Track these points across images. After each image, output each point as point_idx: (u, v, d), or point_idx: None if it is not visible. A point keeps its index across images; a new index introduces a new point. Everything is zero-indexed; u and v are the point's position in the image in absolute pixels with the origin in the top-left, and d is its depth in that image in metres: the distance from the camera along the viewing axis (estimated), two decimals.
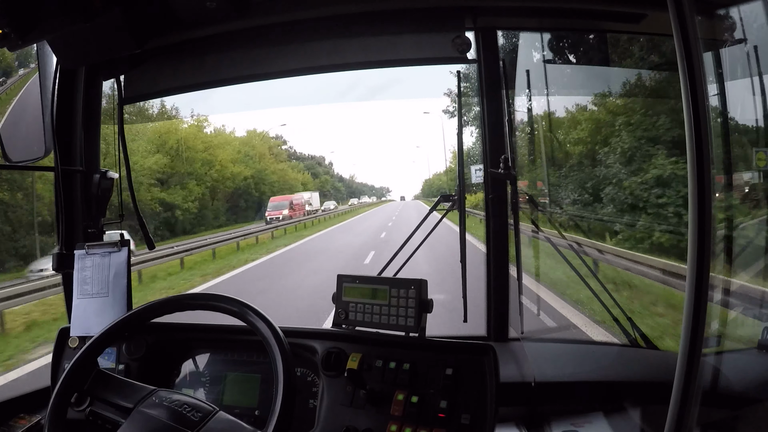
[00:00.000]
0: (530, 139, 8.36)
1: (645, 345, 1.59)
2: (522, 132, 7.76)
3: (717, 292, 1.30)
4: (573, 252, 1.78)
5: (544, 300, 5.58)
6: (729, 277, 1.41)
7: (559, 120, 13.05)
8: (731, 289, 1.38)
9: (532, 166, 7.96)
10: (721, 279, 1.37)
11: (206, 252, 13.65)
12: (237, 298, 1.10)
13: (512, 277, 1.75)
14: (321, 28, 1.56)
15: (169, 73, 1.67)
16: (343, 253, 13.04)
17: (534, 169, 8.31)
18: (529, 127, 8.59)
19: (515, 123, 1.67)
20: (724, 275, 1.39)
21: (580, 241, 6.80)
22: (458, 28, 1.49)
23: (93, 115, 1.65)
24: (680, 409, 0.65)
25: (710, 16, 1.29)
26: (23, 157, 1.54)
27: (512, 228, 1.70)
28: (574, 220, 10.39)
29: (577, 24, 1.66)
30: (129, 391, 1.05)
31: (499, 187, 1.67)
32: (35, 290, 7.63)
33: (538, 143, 8.84)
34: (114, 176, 1.66)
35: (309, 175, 46.81)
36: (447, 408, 1.10)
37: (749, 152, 1.80)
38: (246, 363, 1.36)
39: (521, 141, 7.26)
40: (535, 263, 2.60)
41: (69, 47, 1.33)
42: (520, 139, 7.15)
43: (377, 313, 1.24)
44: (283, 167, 38.87)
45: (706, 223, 0.63)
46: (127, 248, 1.45)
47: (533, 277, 2.64)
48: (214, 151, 27.74)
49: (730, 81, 1.50)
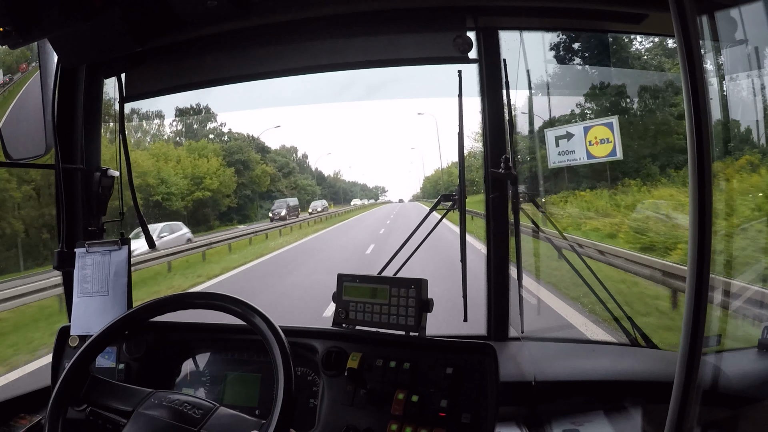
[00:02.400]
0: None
1: (645, 344, 1.60)
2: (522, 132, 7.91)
3: (717, 293, 1.30)
4: (573, 252, 1.78)
5: (543, 300, 5.58)
6: (729, 278, 1.42)
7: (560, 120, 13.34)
8: (731, 290, 1.38)
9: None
10: (721, 280, 1.37)
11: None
12: (237, 297, 1.10)
13: (512, 276, 1.75)
14: (321, 27, 1.56)
15: (170, 72, 1.67)
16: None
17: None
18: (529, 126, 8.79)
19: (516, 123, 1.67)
20: (724, 276, 1.39)
21: (581, 242, 6.81)
22: (459, 28, 1.49)
23: (94, 113, 1.65)
24: (680, 408, 0.65)
25: (711, 17, 1.29)
26: (24, 155, 1.55)
27: (512, 227, 1.70)
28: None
29: (578, 24, 1.66)
30: (127, 394, 1.06)
31: (499, 187, 1.68)
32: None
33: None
34: (114, 174, 1.66)
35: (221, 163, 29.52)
36: (447, 407, 1.10)
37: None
38: (246, 362, 1.36)
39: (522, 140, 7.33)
40: (535, 263, 2.60)
41: (70, 46, 1.33)
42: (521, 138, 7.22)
43: (377, 313, 1.24)
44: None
45: (706, 223, 0.63)
46: (127, 247, 1.45)
47: (533, 277, 2.64)
48: (161, 166, 25.33)
49: (731, 82, 1.50)
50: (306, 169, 50.42)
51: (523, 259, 1.75)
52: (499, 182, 1.67)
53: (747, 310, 1.42)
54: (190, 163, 27.84)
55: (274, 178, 37.88)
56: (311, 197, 42.93)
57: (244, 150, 34.08)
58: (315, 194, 45.88)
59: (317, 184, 50.68)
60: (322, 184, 53.93)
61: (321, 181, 54.69)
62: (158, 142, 30.01)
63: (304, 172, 48.72)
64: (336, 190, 60.50)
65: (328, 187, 57.59)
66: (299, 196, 38.94)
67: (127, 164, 1.62)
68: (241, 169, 32.39)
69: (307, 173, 49.73)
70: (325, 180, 57.79)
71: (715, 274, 1.27)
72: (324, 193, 52.37)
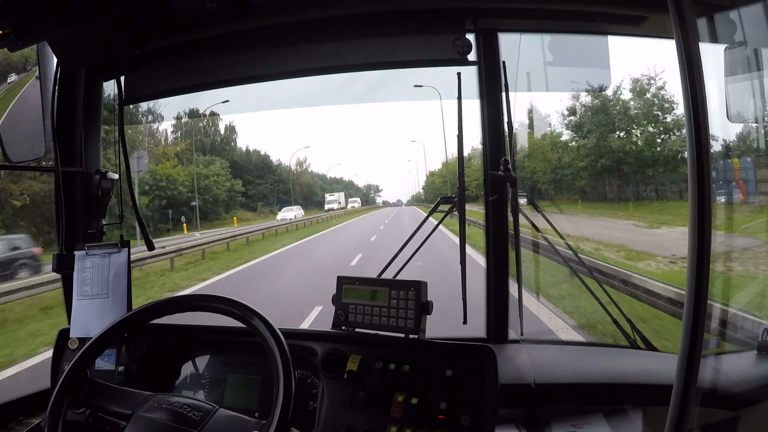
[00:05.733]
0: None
1: (645, 347, 1.59)
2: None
3: (716, 294, 1.30)
4: (572, 253, 1.78)
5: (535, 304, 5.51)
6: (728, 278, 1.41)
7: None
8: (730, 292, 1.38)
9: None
10: (720, 280, 1.37)
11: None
12: (237, 300, 1.10)
13: (512, 279, 1.75)
14: (321, 29, 1.57)
15: (169, 74, 1.67)
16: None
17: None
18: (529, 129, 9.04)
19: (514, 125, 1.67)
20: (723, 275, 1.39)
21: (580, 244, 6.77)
22: (459, 30, 1.49)
23: (93, 115, 1.65)
24: (680, 410, 0.65)
25: (710, 19, 1.29)
26: (23, 158, 1.55)
27: (512, 230, 1.70)
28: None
29: (577, 26, 1.66)
30: (125, 397, 1.06)
31: (499, 189, 1.68)
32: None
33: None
34: (114, 177, 1.66)
35: None
36: (447, 409, 1.10)
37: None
38: (246, 365, 1.36)
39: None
40: (534, 266, 2.60)
41: (69, 48, 1.33)
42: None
43: (377, 315, 1.24)
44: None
45: (706, 223, 0.64)
46: (127, 249, 1.45)
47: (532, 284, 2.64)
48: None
49: (731, 84, 1.50)
50: (232, 151, 34.13)
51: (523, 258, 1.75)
52: (498, 184, 1.67)
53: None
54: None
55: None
56: (230, 195, 29.54)
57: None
58: (235, 192, 30.22)
59: (254, 175, 34.59)
60: (265, 177, 36.44)
61: (265, 171, 36.83)
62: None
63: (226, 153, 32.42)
64: (288, 189, 39.41)
65: (276, 182, 37.71)
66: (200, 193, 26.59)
67: (127, 167, 1.62)
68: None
69: (231, 154, 33.09)
70: (272, 170, 38.07)
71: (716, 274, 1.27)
72: (263, 192, 35.40)
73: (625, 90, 16.46)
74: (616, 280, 5.36)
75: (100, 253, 1.45)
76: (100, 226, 1.65)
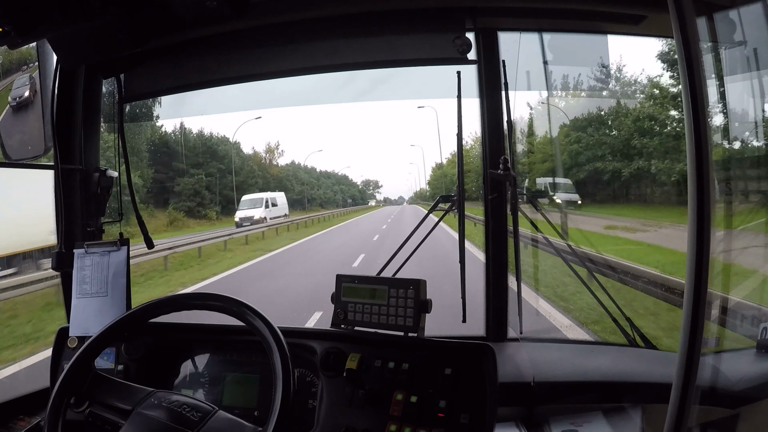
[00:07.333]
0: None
1: (644, 345, 1.60)
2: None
3: (716, 293, 1.30)
4: (571, 251, 1.79)
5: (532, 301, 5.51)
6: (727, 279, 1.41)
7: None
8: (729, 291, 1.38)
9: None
10: (719, 280, 1.37)
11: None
12: (236, 298, 1.10)
13: (511, 277, 1.75)
14: (321, 28, 1.57)
15: (169, 73, 1.67)
16: None
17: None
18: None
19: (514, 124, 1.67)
20: (722, 276, 1.39)
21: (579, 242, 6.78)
22: (458, 29, 1.49)
23: (92, 113, 1.65)
24: (679, 408, 0.65)
25: (710, 18, 1.29)
26: (23, 155, 1.55)
27: (511, 228, 1.70)
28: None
29: (577, 25, 1.66)
30: (127, 393, 1.05)
31: (498, 188, 1.68)
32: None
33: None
34: (113, 174, 1.66)
35: None
36: (446, 408, 1.10)
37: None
38: (245, 363, 1.36)
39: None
40: (533, 264, 2.61)
41: (69, 46, 1.33)
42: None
43: (376, 313, 1.24)
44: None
45: (706, 223, 0.64)
46: (126, 247, 1.44)
47: (531, 281, 2.64)
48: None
49: (730, 84, 1.50)
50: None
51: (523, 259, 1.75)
52: (497, 183, 1.67)
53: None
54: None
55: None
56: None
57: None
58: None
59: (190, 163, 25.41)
60: (241, 172, 29.44)
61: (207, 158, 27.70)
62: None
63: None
64: (266, 182, 31.97)
65: (247, 174, 30.45)
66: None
67: (126, 164, 1.62)
68: None
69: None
70: (219, 157, 28.83)
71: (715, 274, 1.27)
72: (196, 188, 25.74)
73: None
74: (628, 276, 5.39)
75: (100, 251, 1.44)
76: (99, 224, 1.65)
